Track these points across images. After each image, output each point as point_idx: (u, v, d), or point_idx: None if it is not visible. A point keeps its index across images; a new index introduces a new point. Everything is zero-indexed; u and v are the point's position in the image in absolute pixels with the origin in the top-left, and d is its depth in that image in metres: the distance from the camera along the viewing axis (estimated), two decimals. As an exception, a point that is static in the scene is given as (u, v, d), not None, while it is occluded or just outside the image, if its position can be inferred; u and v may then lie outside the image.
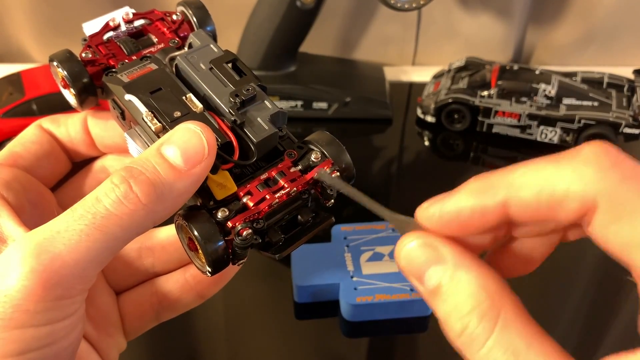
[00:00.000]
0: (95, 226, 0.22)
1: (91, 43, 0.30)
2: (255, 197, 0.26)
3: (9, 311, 0.21)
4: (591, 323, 0.51)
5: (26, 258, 0.21)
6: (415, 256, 0.21)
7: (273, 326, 0.50)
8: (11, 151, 0.30)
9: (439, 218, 0.21)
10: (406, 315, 0.48)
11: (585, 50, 0.87)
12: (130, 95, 0.26)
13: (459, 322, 0.19)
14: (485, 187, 0.20)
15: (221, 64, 0.28)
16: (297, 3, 0.68)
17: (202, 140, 0.23)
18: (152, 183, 0.22)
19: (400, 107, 0.78)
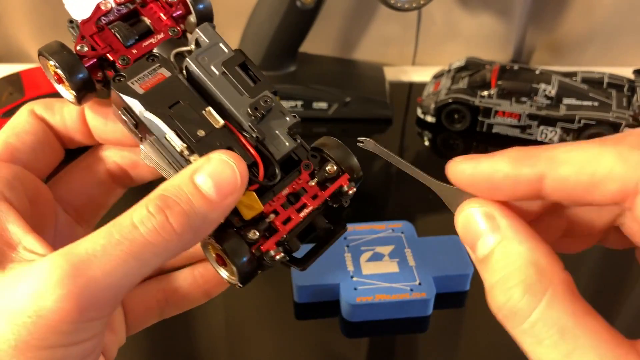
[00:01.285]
0: (132, 254, 0.22)
1: (84, 33, 0.28)
2: (282, 217, 0.27)
3: (43, 331, 0.21)
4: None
5: (64, 280, 0.21)
6: (471, 223, 0.21)
7: (273, 326, 0.50)
8: (6, 143, 0.29)
9: (470, 176, 0.21)
10: (406, 315, 0.48)
11: (585, 50, 0.87)
12: (150, 114, 0.26)
13: (502, 293, 0.19)
14: (525, 156, 0.20)
15: (233, 68, 0.27)
16: (297, 3, 0.68)
17: (235, 173, 0.24)
18: (186, 214, 0.23)
19: (400, 107, 0.78)
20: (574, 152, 0.19)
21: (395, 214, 0.61)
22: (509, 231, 0.20)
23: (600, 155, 0.18)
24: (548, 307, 0.18)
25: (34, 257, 0.24)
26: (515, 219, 0.20)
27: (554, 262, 0.19)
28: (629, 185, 0.18)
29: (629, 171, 0.18)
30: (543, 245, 0.20)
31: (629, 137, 0.19)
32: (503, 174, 0.20)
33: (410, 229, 0.53)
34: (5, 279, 0.23)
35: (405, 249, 0.52)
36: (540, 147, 0.20)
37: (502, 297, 0.19)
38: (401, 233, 0.53)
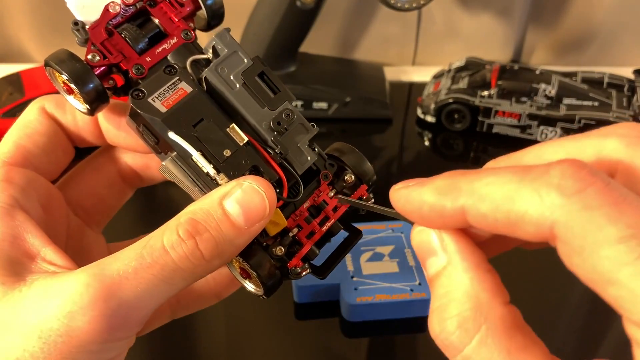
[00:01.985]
0: (163, 278, 0.23)
1: (94, 40, 0.26)
2: (305, 231, 0.27)
3: (73, 350, 0.22)
4: (590, 327, 0.51)
5: (97, 302, 0.22)
6: (424, 240, 0.21)
7: (273, 326, 0.50)
8: (18, 145, 0.28)
9: (403, 205, 0.21)
10: (406, 315, 0.48)
11: (585, 50, 0.87)
12: (175, 136, 0.25)
13: (438, 323, 0.19)
14: (449, 187, 0.19)
15: (253, 78, 0.27)
16: (297, 3, 0.68)
17: (265, 202, 0.24)
18: (215, 241, 0.23)
19: (400, 107, 0.78)
20: (493, 187, 0.18)
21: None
22: (456, 257, 0.20)
23: (516, 193, 0.17)
24: (480, 344, 0.18)
25: (54, 269, 0.24)
26: (464, 242, 0.20)
27: (495, 295, 0.19)
28: (544, 228, 0.17)
29: (544, 215, 0.16)
30: (488, 276, 0.19)
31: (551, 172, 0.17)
32: (429, 206, 0.19)
33: (410, 229, 0.53)
34: (31, 293, 0.23)
35: (405, 249, 0.52)
36: (467, 175, 0.19)
37: (438, 326, 0.19)
38: (401, 233, 0.53)
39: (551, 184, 0.17)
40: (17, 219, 0.25)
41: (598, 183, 0.16)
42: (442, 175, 0.20)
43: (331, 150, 0.29)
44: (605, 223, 0.16)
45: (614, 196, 0.16)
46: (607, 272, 0.15)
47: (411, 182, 0.21)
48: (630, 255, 0.15)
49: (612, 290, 0.16)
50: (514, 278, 0.54)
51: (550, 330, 0.49)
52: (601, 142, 0.19)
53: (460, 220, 0.19)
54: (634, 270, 0.15)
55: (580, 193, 0.16)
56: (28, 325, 0.22)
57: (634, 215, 0.15)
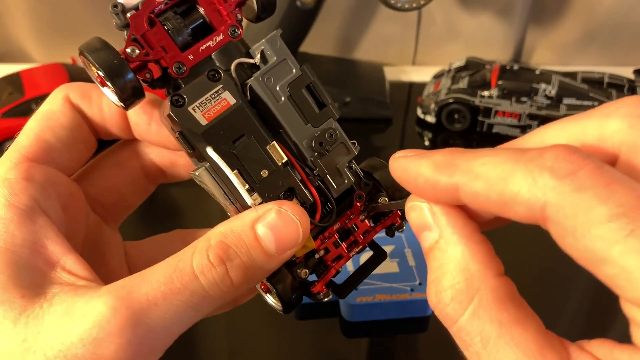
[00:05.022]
0: (192, 305, 0.22)
1: (135, 31, 0.24)
2: (333, 255, 0.26)
3: None
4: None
5: (125, 329, 0.21)
6: (418, 213, 0.21)
7: (273, 326, 0.50)
8: (40, 138, 0.26)
9: (401, 174, 0.21)
10: (406, 315, 0.48)
11: (585, 50, 0.87)
12: (213, 153, 0.24)
13: (434, 295, 0.19)
14: (446, 163, 0.19)
15: (300, 90, 0.26)
16: (297, 3, 0.68)
17: (299, 231, 0.23)
18: (245, 268, 0.23)
19: (400, 107, 0.78)
20: (488, 167, 0.18)
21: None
22: (447, 230, 0.20)
23: (511, 174, 0.17)
24: (472, 316, 0.18)
25: (74, 280, 0.23)
26: (457, 216, 0.20)
27: (487, 267, 0.19)
28: (535, 209, 0.17)
29: (535, 194, 0.16)
30: (480, 248, 0.19)
31: (546, 154, 0.17)
32: (424, 179, 0.19)
33: (410, 230, 0.53)
34: (52, 311, 0.22)
35: (405, 249, 0.52)
36: (465, 153, 0.19)
37: (434, 298, 0.19)
38: (401, 233, 0.53)
39: (544, 166, 0.17)
40: (38, 223, 0.24)
41: (589, 165, 0.16)
42: (441, 151, 0.20)
43: (365, 167, 0.28)
44: (597, 203, 0.16)
45: (606, 177, 0.16)
46: (599, 250, 0.15)
47: (410, 152, 0.21)
48: (621, 232, 0.15)
49: (606, 269, 0.16)
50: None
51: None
52: (603, 123, 0.19)
53: (453, 196, 0.19)
54: (625, 247, 0.15)
55: (572, 175, 0.16)
56: (51, 350, 0.21)
57: (625, 194, 0.16)
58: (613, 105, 0.19)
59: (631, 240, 0.15)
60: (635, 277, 0.15)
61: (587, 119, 0.19)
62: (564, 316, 0.51)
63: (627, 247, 0.15)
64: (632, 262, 0.15)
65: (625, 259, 0.15)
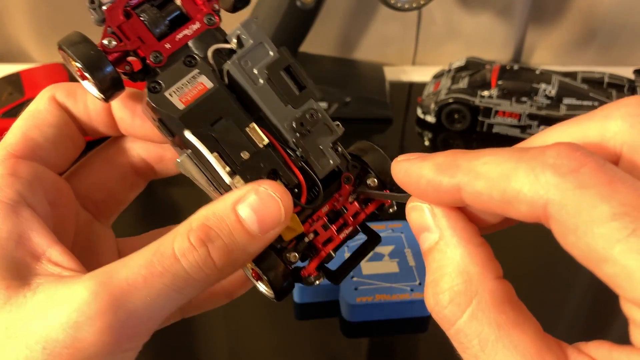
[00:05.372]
0: (173, 287, 0.22)
1: (111, 24, 0.24)
2: (322, 238, 0.26)
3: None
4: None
5: (105, 313, 0.21)
6: (418, 214, 0.21)
7: (273, 326, 0.50)
8: (26, 136, 0.26)
9: (403, 177, 0.21)
10: (406, 316, 0.48)
11: (585, 50, 0.87)
12: (191, 136, 0.24)
13: (432, 297, 0.19)
14: (448, 164, 0.19)
15: (278, 72, 0.25)
16: (297, 3, 0.68)
17: (281, 209, 0.23)
18: (227, 249, 0.23)
19: (400, 107, 0.78)
20: (490, 166, 0.18)
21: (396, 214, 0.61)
22: (447, 232, 0.20)
23: (513, 172, 0.17)
24: (471, 318, 0.18)
25: (60, 271, 0.23)
26: (457, 218, 0.20)
27: (486, 269, 0.19)
28: (537, 207, 0.17)
29: (538, 194, 0.16)
30: (480, 250, 0.19)
31: (547, 152, 0.17)
32: (426, 181, 0.20)
33: (410, 229, 0.53)
34: (36, 300, 0.22)
35: (405, 249, 0.52)
36: (467, 153, 0.19)
37: (432, 300, 0.19)
38: (401, 233, 0.53)
39: (546, 164, 0.17)
40: (23, 216, 0.24)
41: (592, 163, 0.16)
42: (443, 153, 0.20)
43: (354, 150, 0.28)
44: (599, 201, 0.16)
45: (608, 175, 0.16)
46: (601, 249, 0.15)
47: (412, 156, 0.21)
48: (623, 232, 0.15)
49: (607, 268, 0.16)
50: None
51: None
52: (604, 124, 0.19)
53: (455, 197, 0.19)
54: (627, 247, 0.15)
55: (574, 172, 0.16)
56: (32, 335, 0.21)
57: (627, 193, 0.16)
58: (614, 106, 0.19)
59: (633, 240, 0.15)
60: (636, 277, 0.15)
61: (588, 121, 0.19)
62: (562, 318, 0.51)
63: (629, 247, 0.15)
64: (633, 262, 0.15)
65: (627, 259, 0.15)
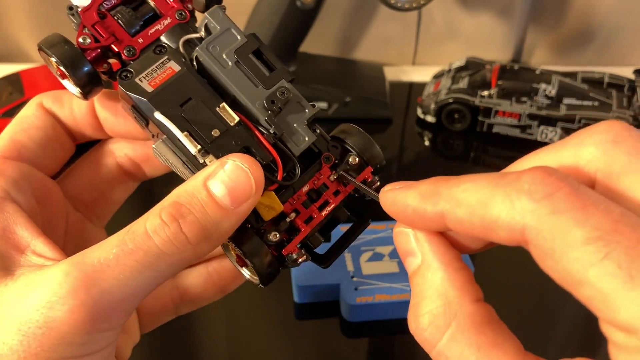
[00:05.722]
0: (146, 264, 0.22)
1: (86, 23, 0.26)
2: (303, 216, 0.26)
3: (55, 343, 0.21)
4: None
5: (77, 291, 0.21)
6: (403, 238, 0.21)
7: (273, 326, 0.50)
8: (13, 140, 0.27)
9: (390, 207, 0.21)
10: (406, 316, 0.48)
11: (585, 50, 0.87)
12: (161, 115, 0.24)
13: (414, 319, 0.20)
14: (431, 192, 0.20)
15: (247, 56, 0.26)
16: (297, 3, 0.68)
17: (250, 179, 0.23)
18: (200, 224, 0.22)
19: (400, 107, 0.78)
20: (469, 193, 0.18)
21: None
22: (429, 256, 0.20)
23: (490, 199, 0.18)
24: (450, 340, 0.19)
25: (43, 262, 0.24)
26: (438, 243, 0.21)
27: (465, 293, 0.19)
28: (515, 232, 0.17)
29: (514, 219, 0.17)
30: (459, 275, 0.20)
31: (523, 177, 0.17)
32: (411, 209, 0.20)
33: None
34: (15, 286, 0.22)
35: (405, 249, 0.52)
36: (448, 181, 0.19)
37: (413, 323, 0.20)
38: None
39: (522, 190, 0.17)
40: (7, 210, 0.25)
41: (566, 188, 0.17)
42: (426, 181, 0.20)
43: (336, 132, 0.28)
44: (573, 226, 0.16)
45: (582, 199, 0.16)
46: (576, 273, 0.16)
47: (398, 185, 0.21)
48: (596, 255, 0.15)
49: (583, 291, 0.16)
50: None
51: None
52: (578, 152, 0.19)
53: (440, 223, 0.19)
54: (600, 271, 0.15)
55: (548, 197, 0.17)
56: (8, 319, 0.22)
57: (600, 217, 0.16)
58: (586, 133, 0.19)
59: (606, 263, 0.15)
60: (611, 299, 0.15)
61: (563, 148, 0.20)
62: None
63: (603, 270, 0.15)
64: (607, 285, 0.15)
65: (601, 282, 0.15)
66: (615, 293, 0.15)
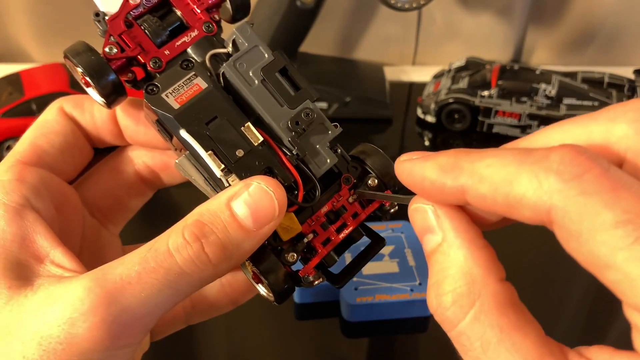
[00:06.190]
0: (168, 283, 0.22)
1: (113, 32, 0.26)
2: (321, 238, 0.26)
3: (74, 359, 0.21)
4: (592, 311, 0.51)
5: (97, 308, 0.21)
6: (421, 215, 0.21)
7: (273, 326, 0.50)
8: (34, 144, 0.27)
9: (407, 177, 0.21)
10: (406, 316, 0.48)
11: (585, 50, 0.87)
12: (186, 134, 0.24)
13: (435, 298, 0.19)
14: (451, 166, 0.19)
15: (274, 74, 0.26)
16: (297, 3, 0.68)
17: (274, 203, 0.23)
18: (222, 245, 0.22)
19: (400, 107, 0.78)
20: (493, 169, 0.18)
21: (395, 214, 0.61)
22: (450, 234, 0.20)
23: (516, 176, 0.17)
24: (473, 320, 0.18)
25: (62, 273, 0.23)
26: (460, 219, 0.20)
27: (489, 272, 0.19)
28: (541, 212, 0.17)
29: (541, 199, 0.16)
30: (483, 253, 0.19)
31: (551, 156, 0.17)
32: (430, 182, 0.19)
33: (410, 229, 0.53)
34: (35, 298, 0.22)
35: (405, 249, 0.52)
36: (470, 154, 0.19)
37: (434, 301, 0.19)
38: (401, 233, 0.53)
39: (550, 169, 0.17)
40: (27, 219, 0.24)
41: (596, 169, 0.16)
42: (446, 152, 0.20)
43: (356, 152, 0.28)
44: (602, 208, 0.16)
45: (612, 182, 0.16)
46: (603, 256, 0.15)
47: (415, 155, 0.21)
48: (626, 239, 0.15)
49: (610, 275, 0.16)
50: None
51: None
52: (610, 128, 0.19)
53: (459, 198, 0.19)
54: (629, 255, 0.15)
55: (578, 178, 0.16)
56: (28, 332, 0.22)
57: (631, 200, 0.16)
58: (620, 109, 0.19)
59: (636, 248, 0.15)
60: (639, 284, 0.15)
61: (593, 122, 0.19)
62: (564, 321, 0.51)
63: (632, 255, 0.15)
64: (636, 270, 0.15)
65: (630, 266, 0.15)
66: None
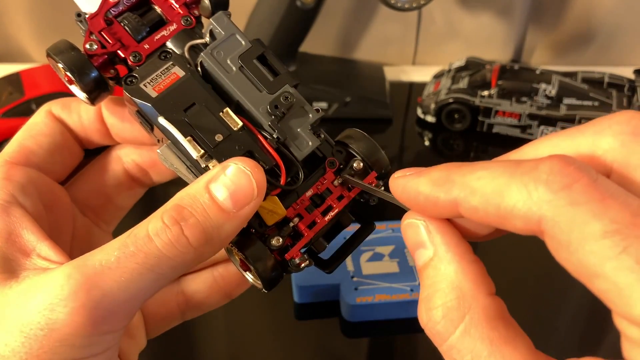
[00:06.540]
0: (148, 266, 0.22)
1: (93, 29, 0.26)
2: (306, 221, 0.26)
3: (56, 345, 0.21)
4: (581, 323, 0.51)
5: (77, 293, 0.21)
6: (413, 231, 0.21)
7: (273, 326, 0.50)
8: (22, 146, 0.28)
9: (401, 193, 0.21)
10: (406, 316, 0.48)
11: (585, 50, 0.87)
12: (164, 120, 0.24)
13: (425, 312, 0.20)
14: (444, 179, 0.19)
15: (251, 61, 0.26)
16: (297, 3, 0.68)
17: (252, 182, 0.23)
18: (202, 227, 0.22)
19: (400, 107, 0.78)
20: (484, 181, 0.18)
21: (396, 214, 0.61)
22: (441, 248, 0.20)
23: (506, 188, 0.17)
24: (464, 334, 0.18)
25: (48, 265, 0.24)
26: (451, 234, 0.20)
27: (479, 286, 0.19)
28: (532, 222, 0.17)
29: (531, 208, 0.17)
30: (473, 267, 0.19)
31: (540, 167, 0.17)
32: (424, 197, 0.20)
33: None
34: (19, 288, 0.23)
35: (405, 249, 0.52)
36: (461, 167, 0.19)
37: (425, 315, 0.20)
38: (401, 233, 0.53)
39: (539, 180, 0.17)
40: (14, 215, 0.25)
41: (584, 179, 0.16)
42: (438, 167, 0.20)
43: (341, 137, 0.28)
44: (591, 218, 0.16)
45: (600, 191, 0.16)
46: (592, 266, 0.16)
47: (409, 172, 0.21)
48: (614, 249, 0.15)
49: (599, 284, 0.16)
50: (505, 269, 0.54)
51: (543, 323, 0.49)
52: (596, 140, 0.19)
53: (453, 211, 0.19)
54: (617, 264, 0.15)
55: (567, 189, 0.16)
56: (11, 320, 0.22)
57: (619, 210, 0.16)
58: (605, 122, 0.19)
59: (624, 257, 0.15)
60: (627, 293, 0.15)
61: (580, 135, 0.19)
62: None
63: (620, 264, 0.15)
64: (624, 279, 0.15)
65: (618, 276, 0.15)
66: (632, 287, 0.15)
